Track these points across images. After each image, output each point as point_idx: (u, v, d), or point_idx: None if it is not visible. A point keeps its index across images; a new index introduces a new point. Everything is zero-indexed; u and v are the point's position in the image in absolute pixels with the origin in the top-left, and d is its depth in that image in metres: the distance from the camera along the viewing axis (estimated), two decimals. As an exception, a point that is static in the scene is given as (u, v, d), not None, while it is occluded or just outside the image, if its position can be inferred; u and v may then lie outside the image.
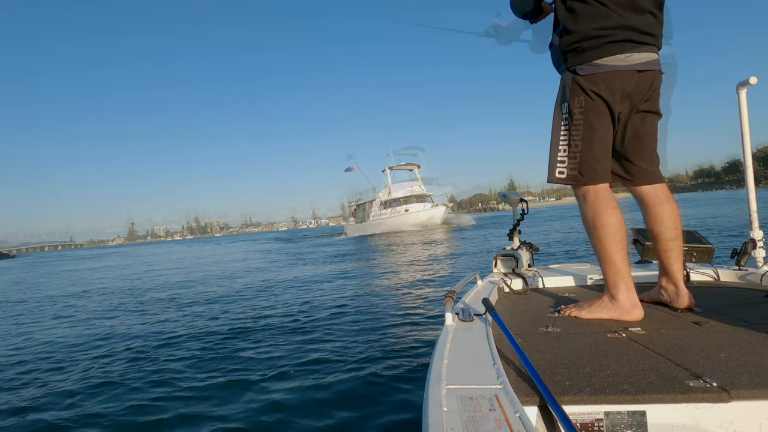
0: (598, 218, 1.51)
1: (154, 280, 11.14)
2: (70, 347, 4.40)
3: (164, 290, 8.60)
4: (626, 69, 1.46)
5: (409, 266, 9.38)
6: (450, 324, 1.30)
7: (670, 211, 1.62)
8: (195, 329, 4.60)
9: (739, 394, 0.88)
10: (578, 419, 0.90)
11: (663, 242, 1.62)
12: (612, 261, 1.50)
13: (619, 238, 1.50)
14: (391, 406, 2.42)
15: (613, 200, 1.54)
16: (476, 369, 0.97)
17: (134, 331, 4.80)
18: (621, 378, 0.98)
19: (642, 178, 1.65)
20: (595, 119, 1.51)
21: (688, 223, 13.00)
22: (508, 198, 2.69)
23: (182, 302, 6.70)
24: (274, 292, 6.89)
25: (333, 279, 7.98)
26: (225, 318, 5.07)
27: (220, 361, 3.46)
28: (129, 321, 5.53)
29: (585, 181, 1.54)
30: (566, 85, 1.56)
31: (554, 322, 1.49)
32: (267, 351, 3.61)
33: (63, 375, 3.48)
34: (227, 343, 3.93)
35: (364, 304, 5.26)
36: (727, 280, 2.06)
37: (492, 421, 0.74)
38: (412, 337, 3.71)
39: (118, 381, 3.16)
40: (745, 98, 2.01)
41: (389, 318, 4.45)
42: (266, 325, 4.56)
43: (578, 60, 1.50)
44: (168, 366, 3.42)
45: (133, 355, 3.86)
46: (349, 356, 3.30)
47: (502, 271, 2.33)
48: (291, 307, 5.40)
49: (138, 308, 6.56)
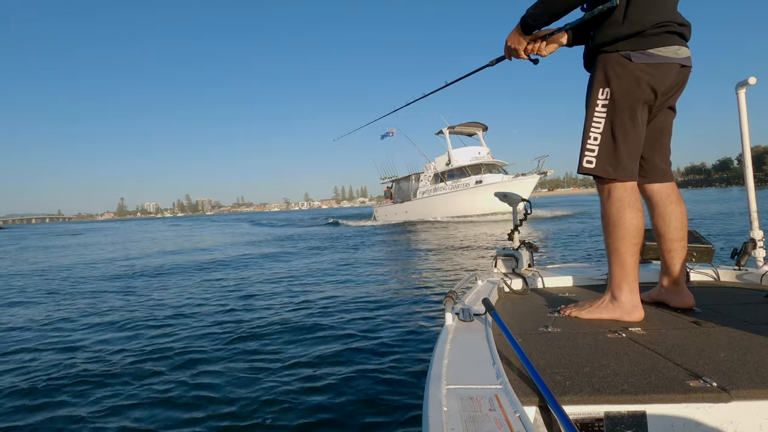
0: (620, 218, 1.45)
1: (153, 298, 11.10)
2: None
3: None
4: (675, 62, 1.42)
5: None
6: (450, 324, 1.31)
7: (678, 212, 1.60)
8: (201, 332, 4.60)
9: (739, 394, 0.88)
10: (578, 419, 0.90)
11: (668, 242, 1.60)
12: (623, 263, 1.47)
13: (636, 241, 1.45)
14: (391, 405, 2.42)
15: (639, 201, 1.48)
16: (476, 369, 0.97)
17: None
18: (621, 378, 0.98)
19: (655, 176, 1.61)
20: (638, 109, 1.44)
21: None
22: (509, 198, 2.69)
23: (199, 304, 6.69)
24: (267, 290, 6.89)
25: (333, 273, 7.97)
26: (227, 317, 5.07)
27: (216, 353, 3.46)
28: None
29: (615, 176, 1.45)
30: (611, 69, 1.43)
31: (554, 322, 1.49)
32: (265, 349, 3.61)
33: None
34: (226, 340, 3.93)
35: (363, 304, 5.26)
36: (727, 280, 2.06)
37: (492, 421, 0.74)
38: (412, 337, 3.71)
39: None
40: (744, 98, 2.02)
41: (389, 318, 4.46)
42: (264, 324, 4.56)
43: (633, 45, 1.41)
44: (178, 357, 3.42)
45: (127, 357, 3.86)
46: (348, 356, 3.30)
47: (502, 271, 2.33)
48: (288, 303, 5.40)
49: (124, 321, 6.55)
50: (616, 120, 1.44)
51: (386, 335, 3.82)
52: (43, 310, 5.98)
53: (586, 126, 1.50)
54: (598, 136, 1.47)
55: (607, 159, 1.46)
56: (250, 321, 4.76)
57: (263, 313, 5.13)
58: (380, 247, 12.75)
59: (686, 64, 1.46)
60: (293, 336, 4.04)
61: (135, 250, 15.34)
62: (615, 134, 1.45)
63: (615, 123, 1.45)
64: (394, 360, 3.12)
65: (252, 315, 5.07)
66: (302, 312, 5.05)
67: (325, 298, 5.81)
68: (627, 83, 1.42)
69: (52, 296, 7.12)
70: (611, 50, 1.44)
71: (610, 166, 1.45)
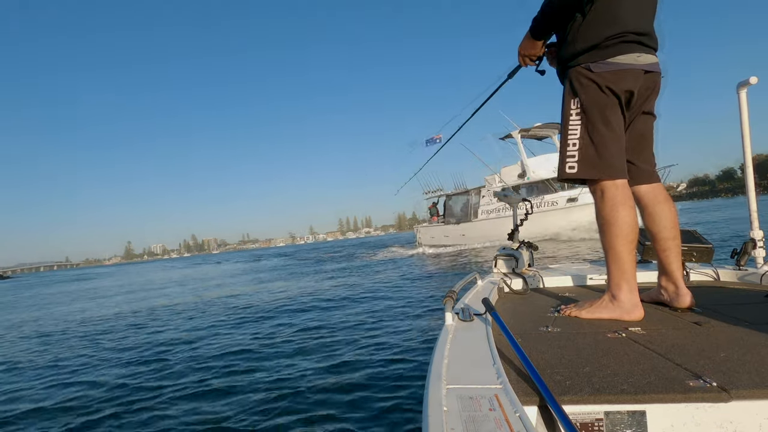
0: (613, 216, 1.49)
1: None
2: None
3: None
4: (636, 68, 1.50)
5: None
6: (450, 324, 1.30)
7: (667, 211, 1.63)
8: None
9: (739, 394, 0.88)
10: (578, 419, 0.89)
11: (661, 242, 1.62)
12: (620, 261, 1.50)
13: (631, 238, 1.49)
14: (391, 405, 2.42)
15: (631, 199, 1.53)
16: (476, 369, 0.97)
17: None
18: (621, 378, 0.97)
19: (640, 178, 1.66)
20: (609, 114, 1.51)
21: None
22: (509, 198, 2.68)
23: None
24: (280, 296, 6.89)
25: (334, 277, 7.97)
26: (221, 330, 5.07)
27: (215, 359, 3.46)
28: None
29: (600, 176, 1.52)
30: (578, 82, 1.55)
31: (554, 322, 1.49)
32: (265, 348, 3.61)
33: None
34: (228, 347, 3.93)
35: (363, 303, 5.26)
36: (727, 280, 2.06)
37: (492, 421, 0.74)
38: (412, 337, 3.71)
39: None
40: (746, 98, 2.02)
41: (389, 318, 4.45)
42: (268, 328, 4.56)
43: (591, 58, 1.51)
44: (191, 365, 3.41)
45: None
46: (348, 356, 3.30)
47: (502, 271, 2.33)
48: (287, 305, 5.41)
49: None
50: (590, 126, 1.53)
51: (385, 335, 3.82)
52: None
53: (564, 136, 1.59)
54: (576, 142, 1.55)
55: (590, 162, 1.53)
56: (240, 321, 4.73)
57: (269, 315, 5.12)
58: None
59: (651, 69, 1.53)
60: (287, 333, 4.04)
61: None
62: (592, 138, 1.52)
63: (590, 128, 1.53)
64: (394, 360, 3.12)
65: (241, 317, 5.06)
66: (300, 310, 5.05)
67: (321, 298, 5.80)
68: (592, 91, 1.52)
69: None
70: (574, 64, 1.56)
71: (593, 168, 1.52)
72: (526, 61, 1.80)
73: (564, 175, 1.57)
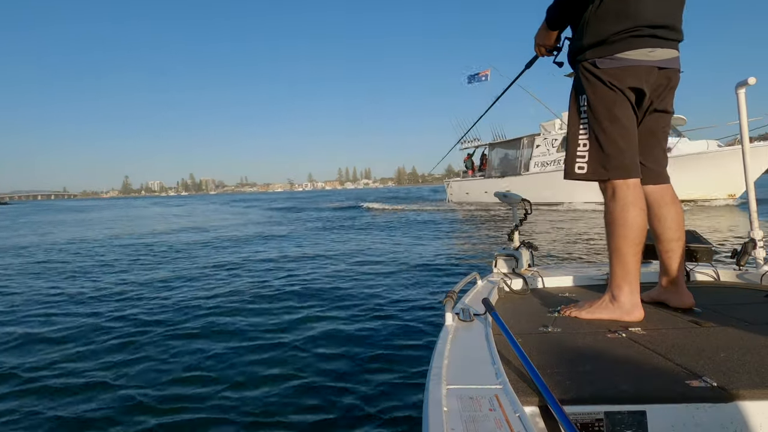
0: (623, 216, 1.46)
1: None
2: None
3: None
4: (646, 65, 1.44)
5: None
6: (450, 324, 1.30)
7: (674, 213, 1.61)
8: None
9: (739, 394, 0.88)
10: (578, 419, 0.90)
11: (665, 243, 1.61)
12: (624, 263, 1.47)
13: (638, 241, 1.46)
14: (391, 406, 2.42)
15: (642, 200, 1.49)
16: (476, 369, 0.97)
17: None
18: (621, 378, 0.98)
19: (648, 179, 1.61)
20: (618, 111, 1.47)
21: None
22: (509, 198, 2.68)
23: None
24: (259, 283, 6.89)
25: (328, 264, 7.96)
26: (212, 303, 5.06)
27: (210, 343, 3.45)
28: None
29: (610, 176, 1.48)
30: (584, 78, 1.52)
31: (554, 322, 1.49)
32: (261, 347, 3.61)
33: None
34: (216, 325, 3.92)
35: (362, 303, 5.26)
36: (727, 280, 2.06)
37: (492, 421, 0.74)
38: (411, 336, 3.71)
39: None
40: (744, 98, 2.02)
41: (388, 318, 4.46)
42: (258, 322, 4.56)
43: (598, 53, 1.47)
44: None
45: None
46: (348, 355, 3.30)
47: (502, 271, 2.33)
48: (280, 294, 5.40)
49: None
50: (597, 124, 1.49)
51: (384, 335, 3.82)
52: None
53: (572, 134, 1.55)
54: (586, 142, 1.51)
55: (599, 161, 1.49)
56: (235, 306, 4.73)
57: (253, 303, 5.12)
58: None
59: (666, 66, 1.47)
60: (284, 333, 4.04)
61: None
62: (599, 137, 1.48)
63: (598, 127, 1.49)
64: (394, 359, 3.12)
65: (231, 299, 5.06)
66: (298, 307, 5.05)
67: (318, 294, 5.80)
68: (599, 88, 1.48)
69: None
70: (582, 59, 1.52)
71: (603, 168, 1.49)
72: (541, 50, 1.77)
73: (573, 176, 1.54)
